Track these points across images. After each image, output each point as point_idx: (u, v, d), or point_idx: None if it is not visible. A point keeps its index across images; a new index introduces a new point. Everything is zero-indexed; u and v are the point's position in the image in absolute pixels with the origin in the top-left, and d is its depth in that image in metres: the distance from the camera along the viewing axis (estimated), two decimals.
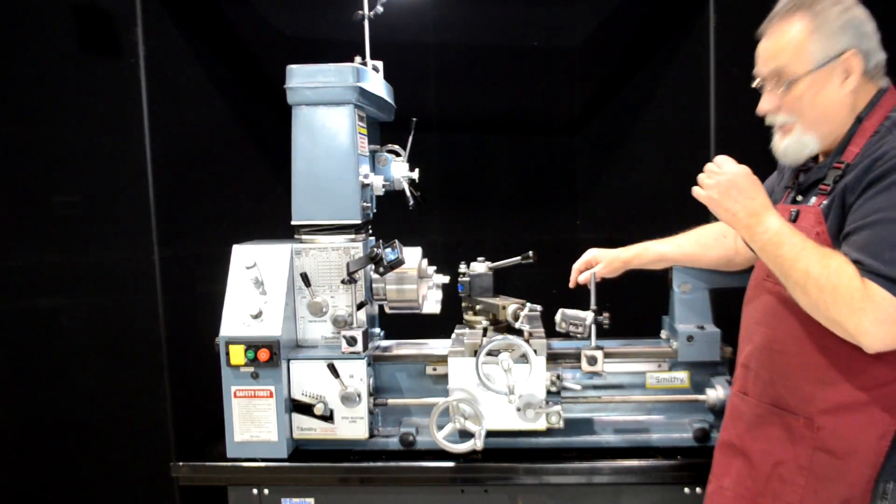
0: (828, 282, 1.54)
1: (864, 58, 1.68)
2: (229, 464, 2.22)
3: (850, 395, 1.64)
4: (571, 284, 2.38)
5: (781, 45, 1.71)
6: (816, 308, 1.59)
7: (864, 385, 1.63)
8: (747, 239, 1.72)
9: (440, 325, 2.57)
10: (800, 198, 1.82)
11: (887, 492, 1.64)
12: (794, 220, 1.75)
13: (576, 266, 2.37)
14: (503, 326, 2.38)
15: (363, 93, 2.29)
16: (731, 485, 1.84)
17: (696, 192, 1.78)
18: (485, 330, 2.40)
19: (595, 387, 2.36)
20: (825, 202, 1.69)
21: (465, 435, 2.17)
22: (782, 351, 1.74)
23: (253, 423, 2.20)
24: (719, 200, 1.73)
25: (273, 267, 2.26)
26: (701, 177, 1.78)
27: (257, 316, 2.18)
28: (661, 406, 2.34)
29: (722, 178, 1.72)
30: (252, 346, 2.15)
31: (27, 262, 3.27)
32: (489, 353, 2.13)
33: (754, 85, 1.82)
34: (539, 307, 2.43)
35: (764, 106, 1.78)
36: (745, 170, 1.72)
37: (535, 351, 2.16)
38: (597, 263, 2.33)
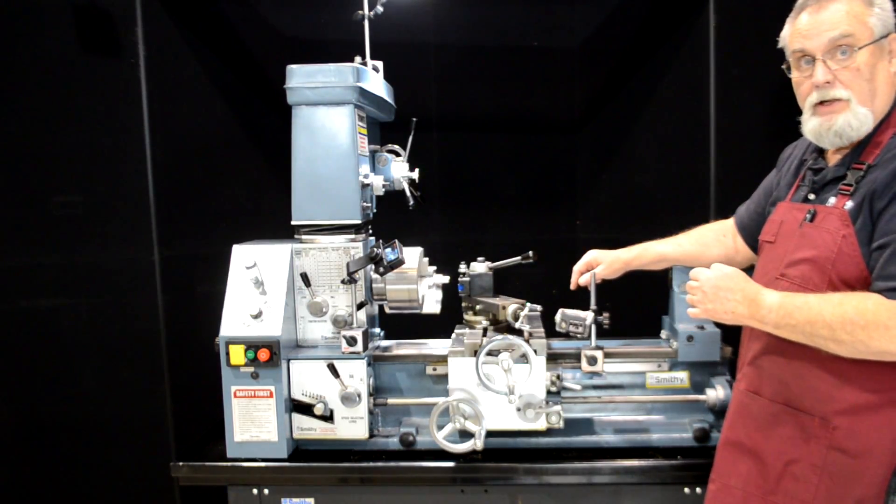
0: (854, 324, 1.56)
1: None
2: (229, 464, 2.22)
3: (868, 395, 1.64)
4: (572, 286, 2.38)
5: (841, 15, 1.70)
6: (856, 349, 1.59)
7: (881, 386, 1.63)
8: (759, 326, 1.73)
9: (440, 325, 2.57)
10: (812, 196, 1.80)
11: None
12: (811, 219, 1.75)
13: (576, 268, 2.37)
14: (503, 326, 2.38)
15: (363, 93, 2.29)
16: (740, 483, 1.84)
17: (692, 312, 1.83)
18: (485, 330, 2.40)
19: (595, 387, 2.37)
20: (850, 204, 1.68)
21: (465, 435, 2.17)
22: (798, 351, 1.72)
23: (253, 423, 2.20)
24: (715, 308, 1.76)
25: (273, 267, 2.26)
26: (689, 299, 1.83)
27: (257, 316, 2.18)
28: (661, 406, 2.34)
29: (705, 287, 1.76)
30: (252, 346, 2.15)
31: (27, 262, 3.27)
32: (489, 353, 2.13)
33: (791, 60, 1.80)
34: (539, 307, 2.43)
35: (821, 77, 1.72)
36: (719, 271, 1.76)
37: (535, 351, 2.16)
38: (597, 265, 2.33)
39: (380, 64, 2.55)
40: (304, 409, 2.23)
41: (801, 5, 1.78)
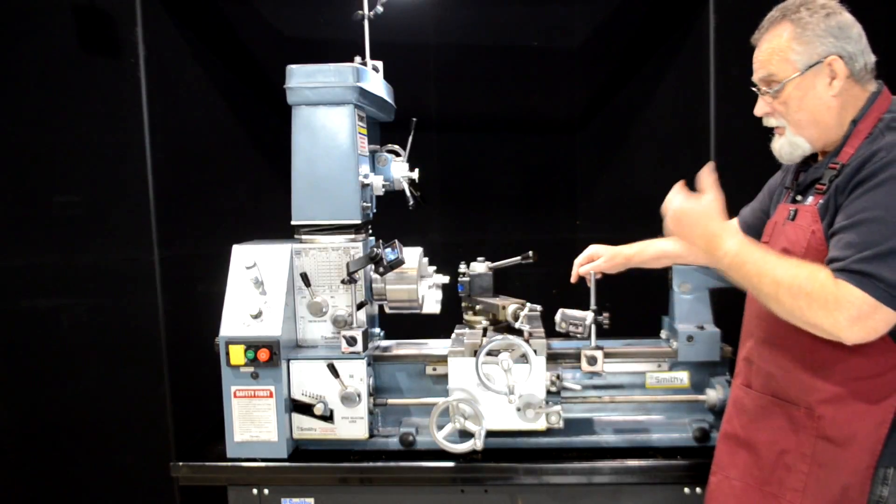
0: (800, 289, 1.60)
1: (848, 62, 1.74)
2: (229, 464, 2.22)
3: (847, 384, 1.68)
4: (573, 279, 2.39)
5: (768, 53, 1.80)
6: (792, 314, 1.64)
7: (860, 374, 1.67)
8: (712, 263, 1.81)
9: (440, 325, 2.57)
10: (799, 197, 1.87)
11: (888, 477, 1.68)
12: (792, 218, 1.81)
13: (577, 260, 2.39)
14: (503, 326, 2.38)
15: (363, 93, 2.29)
16: (739, 475, 1.88)
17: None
18: (485, 330, 2.40)
19: (595, 387, 2.37)
20: (821, 201, 1.74)
21: (465, 435, 2.17)
22: (781, 344, 1.78)
23: (253, 423, 2.20)
24: (680, 233, 1.85)
25: (273, 267, 2.26)
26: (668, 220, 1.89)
27: (257, 316, 2.18)
28: (661, 406, 2.34)
29: (672, 214, 1.84)
30: (252, 346, 2.15)
31: (27, 262, 3.27)
32: (489, 353, 2.13)
33: (754, 89, 1.89)
34: (539, 307, 2.43)
35: (757, 110, 1.87)
36: (686, 205, 1.81)
37: (535, 351, 2.16)
38: (598, 258, 2.34)
39: (380, 64, 2.55)
40: (304, 409, 2.23)
41: (753, 38, 1.88)
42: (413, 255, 2.41)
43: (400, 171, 2.55)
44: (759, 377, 1.87)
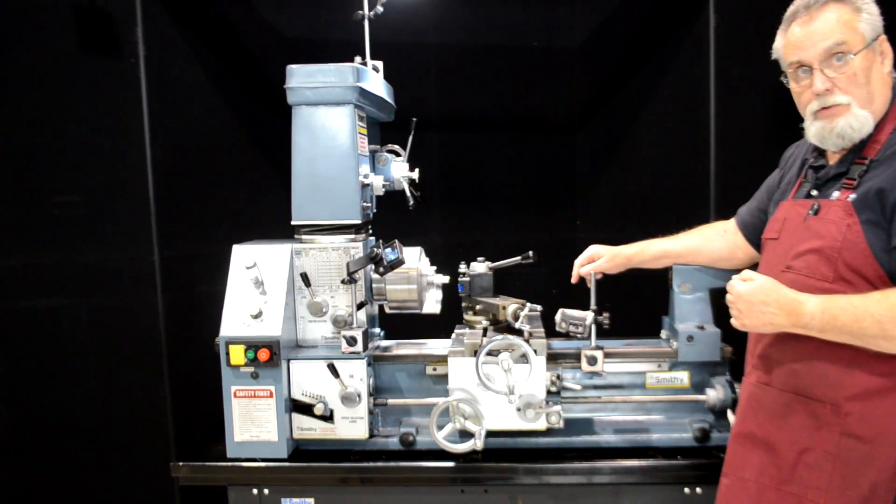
0: None
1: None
2: (229, 464, 2.22)
3: (877, 379, 1.66)
4: (573, 279, 2.39)
5: (832, 24, 1.74)
6: None
7: (890, 370, 1.65)
8: (802, 332, 1.72)
9: (440, 325, 2.57)
10: (815, 192, 1.84)
11: None
12: (815, 213, 1.78)
13: (578, 261, 2.39)
14: (503, 326, 2.38)
15: (363, 93, 2.29)
16: (754, 476, 1.84)
17: (737, 326, 1.83)
18: (485, 330, 2.40)
19: (595, 387, 2.36)
20: (854, 196, 1.71)
21: (465, 435, 2.17)
22: (807, 340, 1.73)
23: (253, 423, 2.20)
24: (753, 322, 1.77)
25: (273, 267, 2.26)
26: (731, 312, 1.82)
27: (257, 316, 2.18)
28: (661, 406, 2.34)
29: (740, 304, 1.77)
30: (252, 346, 2.15)
31: (27, 262, 3.27)
32: (489, 353, 2.13)
33: (788, 72, 1.83)
34: (539, 307, 2.43)
35: (820, 85, 1.76)
36: (751, 285, 1.76)
37: (535, 351, 2.16)
38: (599, 258, 2.34)
39: (380, 64, 2.55)
40: (304, 409, 2.23)
41: (790, 17, 1.82)
42: (413, 255, 2.41)
43: (400, 171, 2.55)
44: (780, 374, 1.82)
